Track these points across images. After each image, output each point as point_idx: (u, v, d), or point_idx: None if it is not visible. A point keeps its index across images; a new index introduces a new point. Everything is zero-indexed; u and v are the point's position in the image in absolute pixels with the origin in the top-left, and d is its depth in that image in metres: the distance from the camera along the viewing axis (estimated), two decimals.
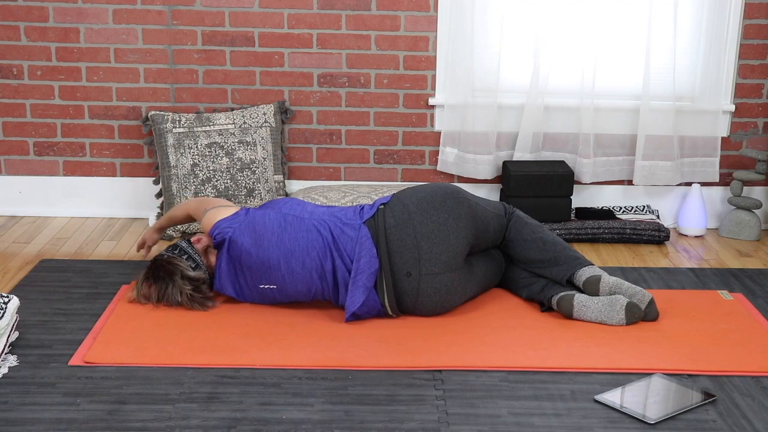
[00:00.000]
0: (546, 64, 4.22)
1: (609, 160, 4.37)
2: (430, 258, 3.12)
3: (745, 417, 2.59)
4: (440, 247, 3.13)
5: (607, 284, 3.23)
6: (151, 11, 4.22)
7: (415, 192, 3.25)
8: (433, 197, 3.20)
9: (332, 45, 4.27)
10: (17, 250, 3.93)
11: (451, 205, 3.19)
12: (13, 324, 2.90)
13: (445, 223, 3.15)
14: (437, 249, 3.13)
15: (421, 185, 3.31)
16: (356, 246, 3.12)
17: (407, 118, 4.36)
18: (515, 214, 3.43)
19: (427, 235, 3.12)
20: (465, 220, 3.20)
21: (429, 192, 3.23)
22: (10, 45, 4.24)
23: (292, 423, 2.52)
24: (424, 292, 3.14)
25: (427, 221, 3.14)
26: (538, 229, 3.41)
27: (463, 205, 3.22)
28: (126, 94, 4.30)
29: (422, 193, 3.23)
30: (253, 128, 4.19)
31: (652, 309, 3.20)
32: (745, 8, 4.22)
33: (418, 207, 3.17)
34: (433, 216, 3.15)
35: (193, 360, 2.87)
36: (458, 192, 3.27)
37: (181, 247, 3.31)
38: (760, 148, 4.40)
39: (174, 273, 3.22)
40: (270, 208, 3.30)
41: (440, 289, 3.16)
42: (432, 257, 3.12)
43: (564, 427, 2.53)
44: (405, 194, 3.25)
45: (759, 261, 3.98)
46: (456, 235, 3.16)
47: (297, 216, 3.24)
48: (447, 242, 3.14)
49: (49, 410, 2.57)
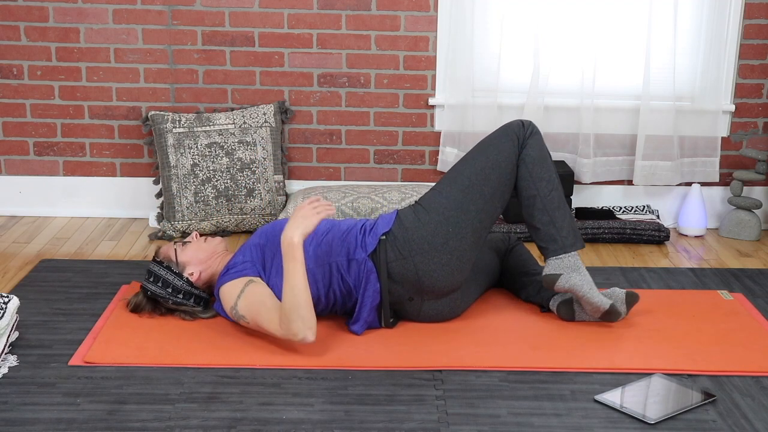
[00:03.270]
0: (546, 64, 4.22)
1: (609, 160, 4.37)
2: (433, 289, 3.09)
3: (745, 417, 2.59)
4: (443, 282, 3.08)
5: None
6: (151, 11, 4.22)
7: (418, 222, 3.07)
8: (434, 238, 3.05)
9: (332, 45, 4.27)
10: (17, 250, 3.93)
11: (454, 246, 3.06)
12: (13, 324, 2.90)
13: (448, 263, 3.06)
14: (440, 283, 3.08)
15: (424, 207, 3.11)
16: (361, 279, 3.05)
17: (407, 118, 4.36)
18: (518, 246, 3.48)
19: (429, 273, 3.06)
20: (469, 253, 3.11)
21: (431, 231, 3.05)
22: (10, 45, 4.24)
23: (292, 423, 2.52)
24: (426, 313, 3.15)
25: (428, 262, 3.05)
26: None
27: (466, 240, 3.09)
28: (126, 94, 4.30)
29: (424, 231, 3.05)
30: (253, 128, 4.19)
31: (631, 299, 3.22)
32: (745, 8, 4.22)
33: (419, 248, 3.04)
34: (435, 258, 3.05)
35: (193, 360, 2.87)
36: (460, 225, 3.08)
37: (162, 279, 3.13)
38: (760, 148, 4.40)
39: (157, 307, 3.18)
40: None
41: (443, 309, 3.15)
42: (435, 288, 3.09)
43: (564, 427, 2.53)
44: (408, 220, 3.09)
45: (759, 261, 3.98)
46: (459, 270, 3.09)
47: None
48: (451, 278, 3.08)
49: (49, 410, 2.57)
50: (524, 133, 3.20)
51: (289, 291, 2.82)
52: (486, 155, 3.16)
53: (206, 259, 3.19)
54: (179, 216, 4.12)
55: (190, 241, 3.25)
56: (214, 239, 3.26)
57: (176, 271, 3.15)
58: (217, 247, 3.23)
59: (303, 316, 2.82)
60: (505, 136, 3.18)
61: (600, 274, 3.71)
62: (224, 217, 4.15)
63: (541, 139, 3.21)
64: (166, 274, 3.14)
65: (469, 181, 3.12)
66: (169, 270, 3.14)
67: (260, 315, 2.91)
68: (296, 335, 2.82)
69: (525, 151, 3.17)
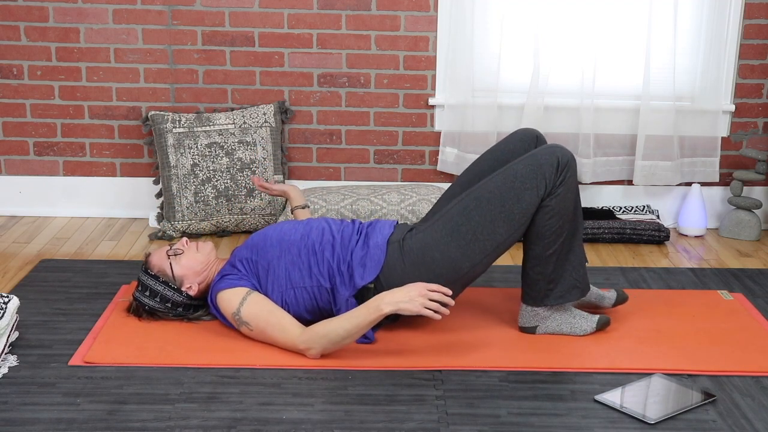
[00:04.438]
0: (546, 64, 4.22)
1: (609, 160, 4.37)
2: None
3: (745, 417, 2.59)
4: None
5: None
6: (151, 11, 4.22)
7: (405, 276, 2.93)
8: (427, 277, 2.95)
9: (332, 45, 4.27)
10: (17, 250, 3.93)
11: (449, 280, 2.95)
12: (13, 324, 2.90)
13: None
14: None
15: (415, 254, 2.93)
16: (341, 307, 2.98)
17: (407, 118, 4.36)
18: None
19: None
20: (456, 294, 3.02)
21: (422, 274, 2.94)
22: (10, 45, 4.24)
23: (292, 423, 2.52)
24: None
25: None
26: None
27: (455, 291, 2.97)
28: (126, 94, 4.30)
29: (415, 274, 2.94)
30: (253, 128, 4.19)
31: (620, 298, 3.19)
32: (745, 8, 4.22)
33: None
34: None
35: (193, 360, 2.87)
36: (451, 282, 2.93)
37: (160, 294, 3.09)
38: (760, 148, 4.40)
39: (156, 317, 3.16)
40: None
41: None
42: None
43: (564, 427, 2.53)
44: (396, 270, 2.93)
45: (759, 261, 3.98)
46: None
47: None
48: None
49: (49, 410, 2.57)
50: (555, 179, 2.88)
51: (343, 333, 2.81)
52: (502, 202, 2.89)
53: (202, 271, 3.11)
54: (179, 216, 4.12)
55: (181, 249, 3.12)
56: (206, 246, 3.16)
57: (174, 286, 3.08)
58: (210, 255, 3.14)
59: (328, 349, 2.86)
60: (532, 180, 2.87)
61: (600, 274, 3.71)
62: (224, 217, 4.15)
63: (573, 184, 2.92)
64: (163, 289, 3.08)
65: (473, 234, 2.90)
66: (167, 285, 3.08)
67: (269, 324, 2.90)
68: (309, 351, 2.86)
69: (548, 201, 2.90)
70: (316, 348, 2.84)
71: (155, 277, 3.09)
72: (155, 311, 3.12)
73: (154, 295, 3.09)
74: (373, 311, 2.78)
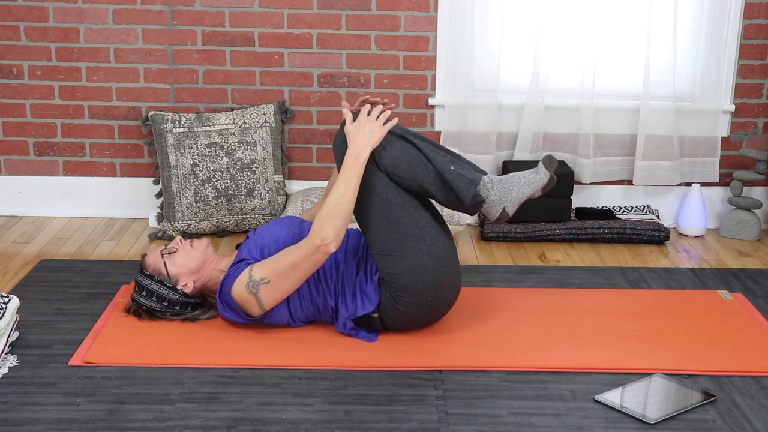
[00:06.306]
0: (546, 64, 4.22)
1: (609, 160, 4.37)
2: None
3: (745, 417, 2.59)
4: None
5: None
6: (151, 11, 4.22)
7: (396, 311, 2.99)
8: (418, 317, 3.04)
9: (332, 45, 4.27)
10: (17, 250, 3.93)
11: (437, 309, 3.05)
12: (13, 324, 2.90)
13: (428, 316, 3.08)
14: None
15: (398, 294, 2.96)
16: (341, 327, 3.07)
17: (407, 118, 4.36)
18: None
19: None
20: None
21: (413, 312, 3.00)
22: (10, 45, 4.24)
23: (292, 423, 2.52)
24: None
25: (417, 323, 3.09)
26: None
27: (448, 304, 3.08)
28: (126, 94, 4.30)
29: (408, 314, 3.01)
30: (253, 128, 4.19)
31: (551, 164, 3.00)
32: (745, 8, 4.22)
33: (408, 323, 3.05)
34: (422, 319, 3.08)
35: (193, 360, 2.87)
36: (418, 258, 2.93)
37: (156, 293, 3.09)
38: (760, 148, 4.40)
39: (155, 316, 3.15)
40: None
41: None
42: None
43: (564, 427, 2.53)
44: (389, 306, 2.98)
45: (759, 261, 3.98)
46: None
47: None
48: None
49: (49, 410, 2.57)
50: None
51: (337, 198, 2.83)
52: (378, 201, 2.93)
53: (198, 269, 3.10)
54: (179, 216, 4.12)
55: (175, 248, 3.11)
56: (201, 242, 3.15)
57: (169, 284, 3.08)
58: (205, 252, 3.13)
59: (337, 225, 2.82)
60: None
61: (600, 274, 3.72)
62: (224, 217, 4.15)
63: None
64: (159, 288, 3.08)
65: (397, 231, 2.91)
66: (162, 284, 3.08)
67: (280, 261, 2.90)
68: (324, 240, 2.81)
69: (381, 162, 2.93)
70: (330, 233, 2.81)
71: (150, 276, 3.09)
72: (153, 311, 3.11)
73: (151, 295, 3.09)
74: (355, 164, 2.84)
